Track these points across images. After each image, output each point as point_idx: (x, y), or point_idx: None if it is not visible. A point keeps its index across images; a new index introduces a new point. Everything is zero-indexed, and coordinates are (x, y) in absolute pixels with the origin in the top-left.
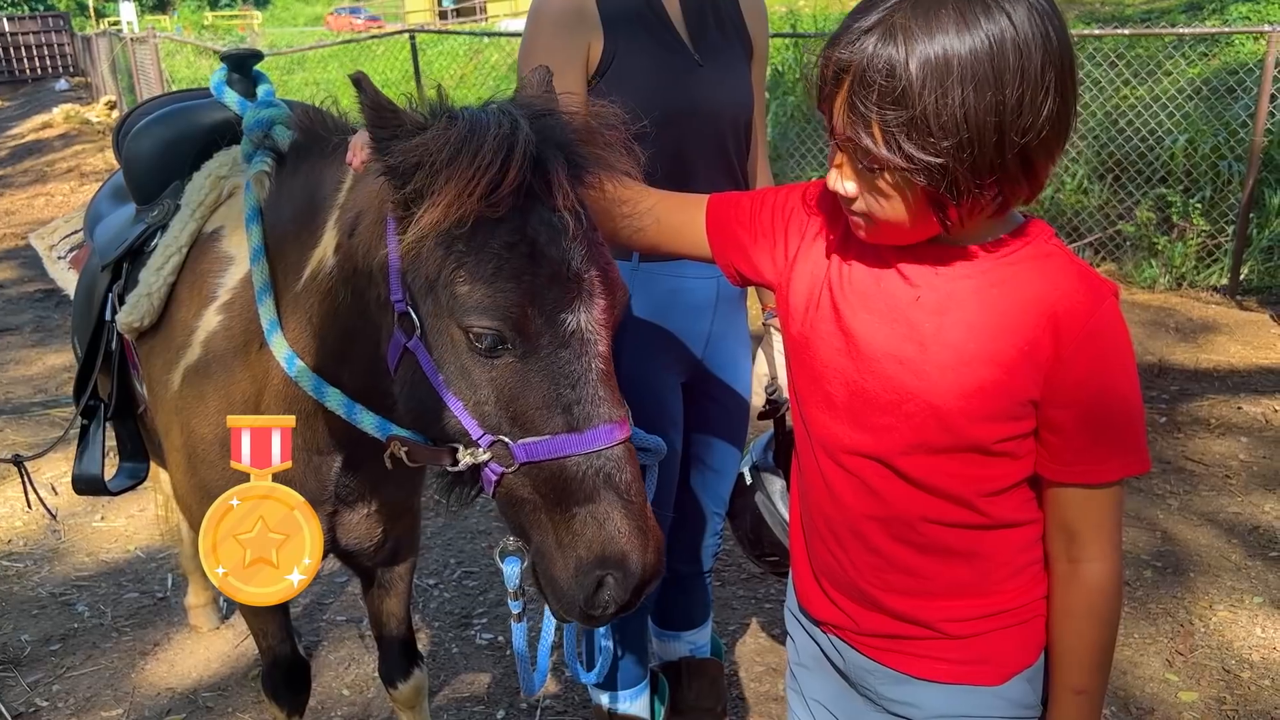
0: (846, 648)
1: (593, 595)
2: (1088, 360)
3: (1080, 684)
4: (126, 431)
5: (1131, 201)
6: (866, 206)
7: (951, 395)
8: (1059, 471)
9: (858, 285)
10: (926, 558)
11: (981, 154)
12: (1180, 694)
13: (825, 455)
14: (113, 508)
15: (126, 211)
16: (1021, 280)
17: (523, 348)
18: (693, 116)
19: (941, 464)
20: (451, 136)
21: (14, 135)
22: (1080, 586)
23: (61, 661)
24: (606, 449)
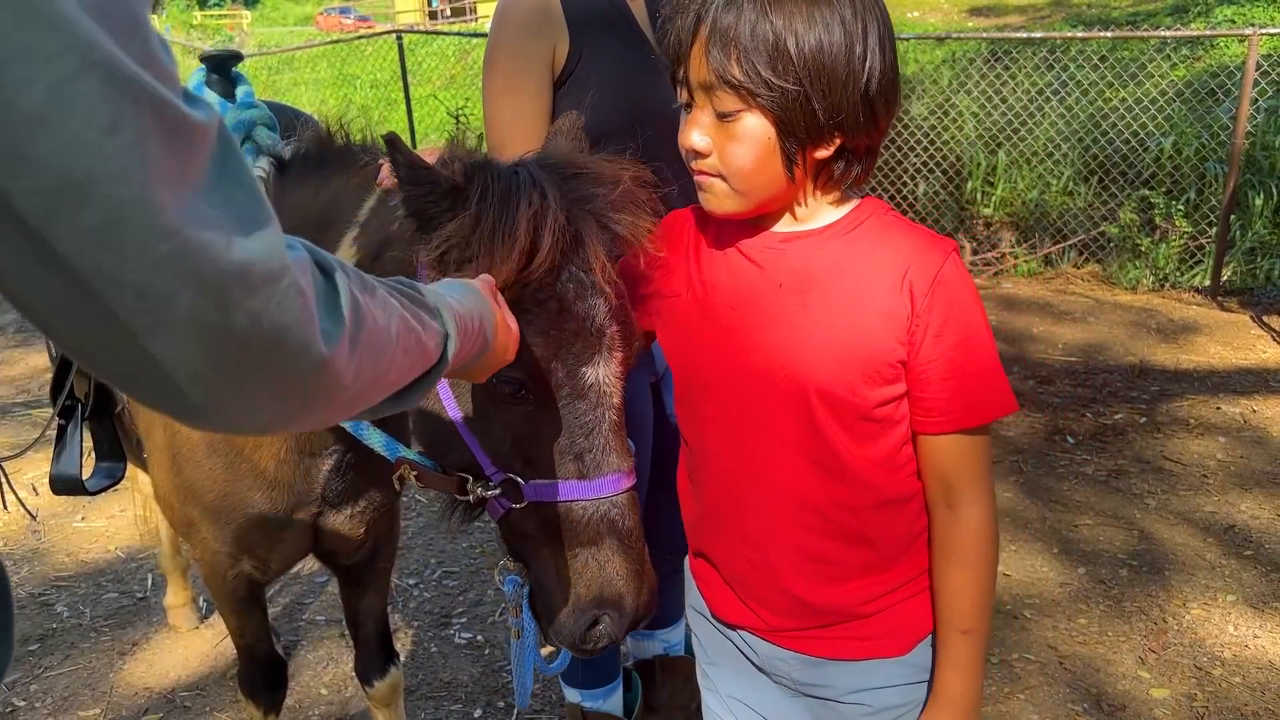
0: (759, 641)
1: (587, 632)
2: (942, 313)
3: (967, 625)
4: (104, 432)
5: (1115, 203)
6: (719, 160)
7: (830, 370)
8: (933, 424)
9: (720, 290)
10: (835, 543)
11: (832, 87)
12: (1152, 690)
13: (726, 463)
14: (93, 508)
15: None
16: (870, 251)
17: (542, 397)
18: (659, 117)
19: (834, 441)
20: (484, 224)
21: None
22: (960, 530)
23: (40, 662)
24: (615, 495)
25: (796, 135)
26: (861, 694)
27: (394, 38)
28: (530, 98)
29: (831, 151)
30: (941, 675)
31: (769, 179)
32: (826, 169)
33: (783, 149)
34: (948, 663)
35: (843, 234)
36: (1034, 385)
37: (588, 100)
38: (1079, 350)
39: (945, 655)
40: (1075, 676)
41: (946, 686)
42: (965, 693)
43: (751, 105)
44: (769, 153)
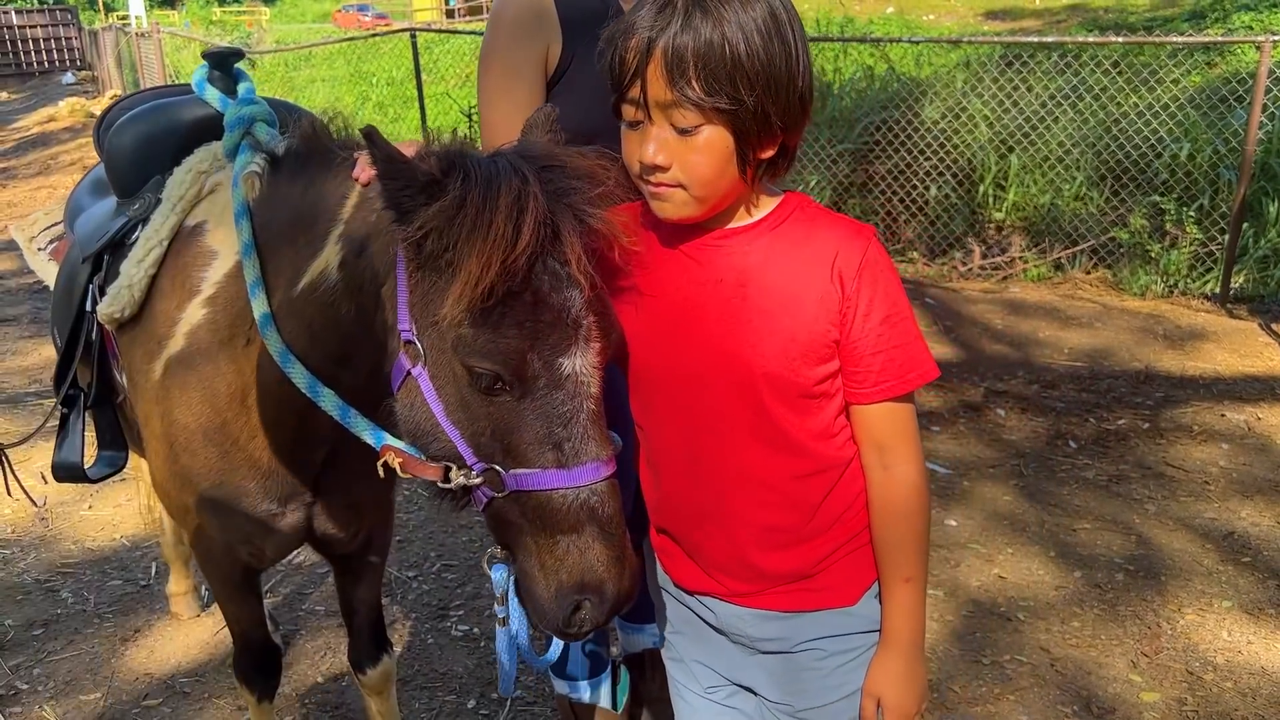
0: (717, 602)
1: (570, 616)
2: (869, 294)
3: (909, 572)
4: (105, 421)
5: (1124, 209)
6: (679, 172)
7: (773, 354)
8: (867, 394)
9: (664, 287)
10: (786, 512)
11: (779, 93)
12: (1142, 694)
13: (681, 449)
14: (101, 497)
15: (107, 204)
16: (800, 242)
17: (520, 389)
18: None
19: (781, 420)
20: (466, 208)
21: (20, 128)
22: (896, 488)
23: (43, 646)
24: (595, 483)
25: (750, 140)
26: (814, 642)
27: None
28: (523, 98)
29: (775, 150)
30: (889, 620)
31: (727, 182)
32: (767, 166)
33: (739, 154)
34: (894, 609)
35: (772, 228)
36: (1038, 390)
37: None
38: (1085, 355)
39: (891, 602)
40: (1066, 679)
41: (895, 630)
42: (911, 634)
43: (713, 119)
44: (727, 160)
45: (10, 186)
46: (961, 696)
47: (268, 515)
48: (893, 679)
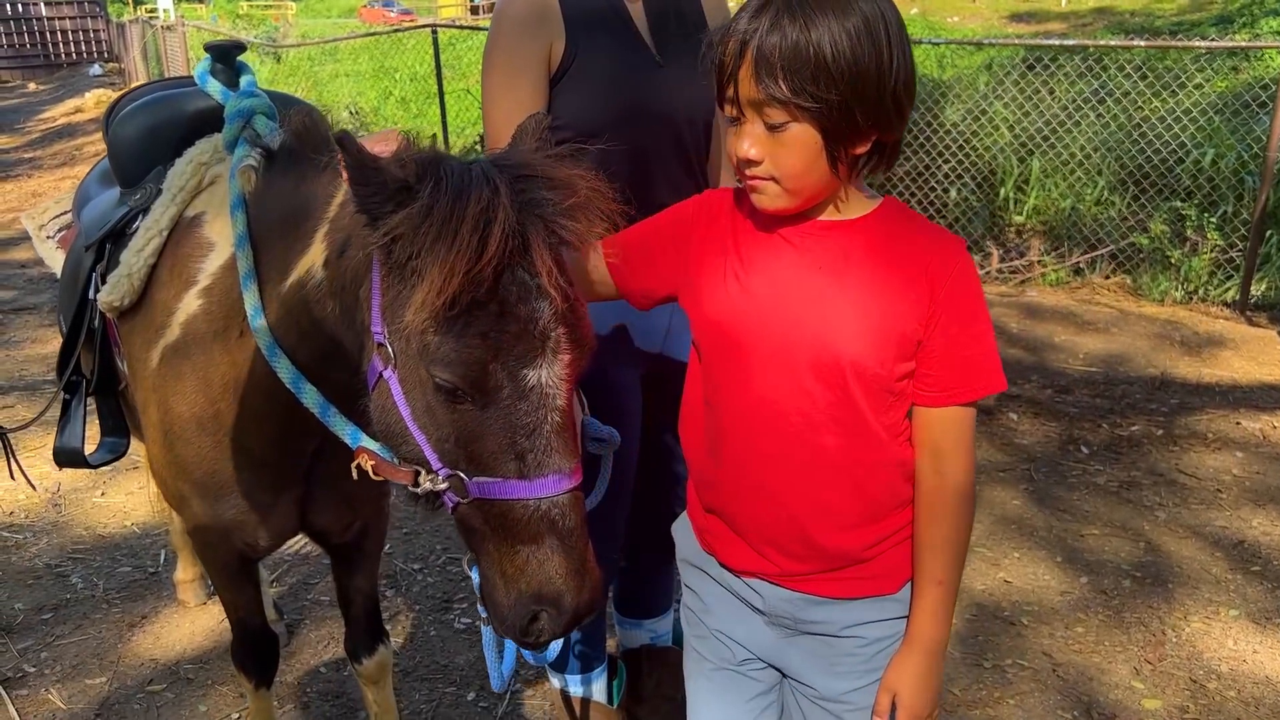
0: (767, 586)
1: (528, 625)
2: (956, 300)
3: (941, 576)
4: (108, 407)
5: (1145, 214)
6: (771, 165)
7: (864, 345)
8: (937, 398)
9: (762, 269)
10: (849, 497)
11: (867, 93)
12: (1144, 701)
13: (758, 425)
14: (113, 484)
15: (112, 194)
16: (897, 243)
17: (482, 398)
18: (652, 116)
19: (862, 410)
20: (433, 216)
21: (47, 118)
22: (946, 493)
23: (52, 630)
24: (553, 496)
25: (839, 138)
26: (857, 628)
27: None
28: (526, 95)
29: (868, 147)
30: (916, 621)
31: (817, 177)
32: (865, 162)
33: (827, 151)
34: (922, 610)
35: (874, 226)
36: (1051, 394)
37: (581, 98)
38: (1100, 360)
39: (920, 603)
40: (1068, 684)
41: (920, 630)
42: (935, 637)
43: (799, 117)
44: (816, 155)
45: (36, 176)
46: (961, 699)
47: (260, 505)
48: (911, 678)
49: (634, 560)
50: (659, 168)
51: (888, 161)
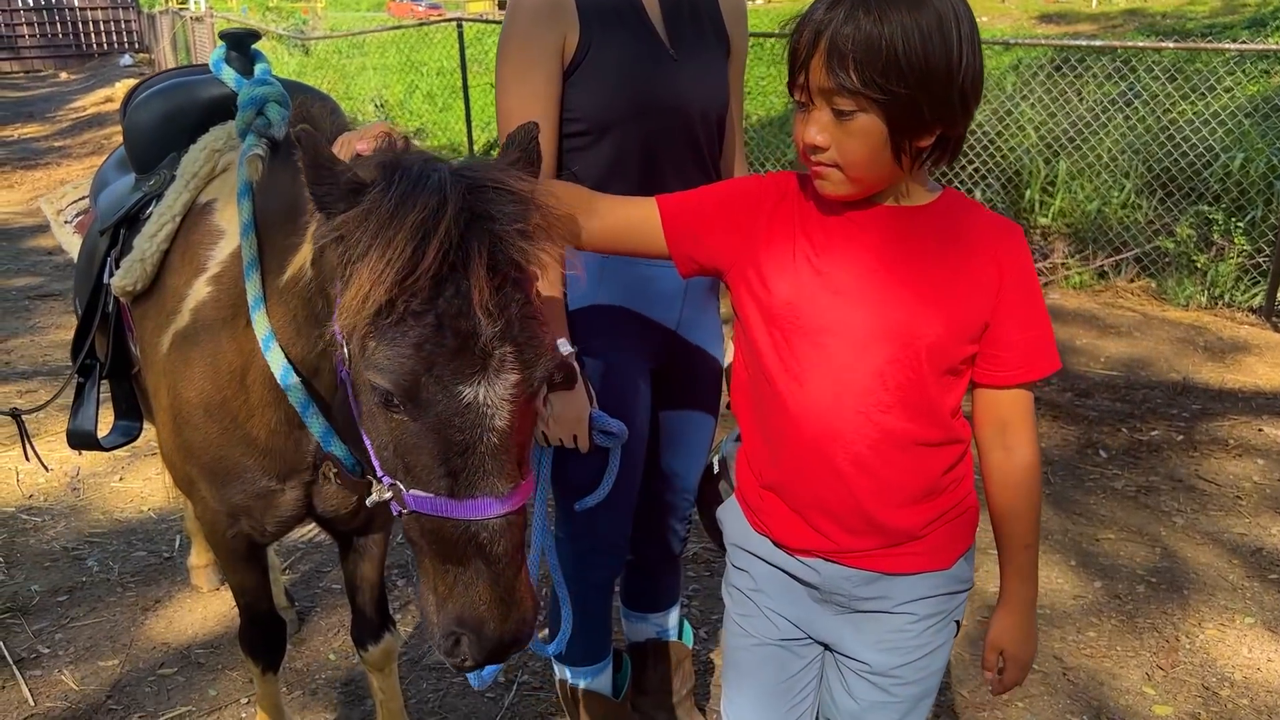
0: (824, 564)
1: (452, 647)
2: (1020, 284)
3: (1028, 540)
4: (121, 391)
5: (1171, 218)
6: (836, 153)
7: (940, 327)
8: (1004, 377)
9: (833, 251)
10: (910, 474)
11: (934, 88)
12: (1155, 707)
13: (825, 403)
14: (131, 470)
15: (127, 180)
16: (965, 229)
17: (414, 411)
18: (665, 110)
19: (931, 390)
20: (370, 221)
21: (77, 108)
22: (1018, 467)
23: (67, 612)
24: (483, 520)
25: (904, 130)
26: (910, 604)
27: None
28: (540, 87)
29: (932, 140)
30: (1008, 582)
31: (880, 167)
32: (929, 154)
33: (892, 142)
34: (1013, 573)
35: (940, 212)
36: (1071, 397)
37: (594, 91)
38: (1121, 364)
39: (1011, 567)
40: (1078, 688)
41: (1016, 591)
42: (1031, 594)
43: (866, 107)
44: (881, 146)
45: (65, 165)
46: (969, 701)
47: (266, 491)
48: (1015, 633)
49: (641, 554)
50: (671, 161)
51: (950, 155)
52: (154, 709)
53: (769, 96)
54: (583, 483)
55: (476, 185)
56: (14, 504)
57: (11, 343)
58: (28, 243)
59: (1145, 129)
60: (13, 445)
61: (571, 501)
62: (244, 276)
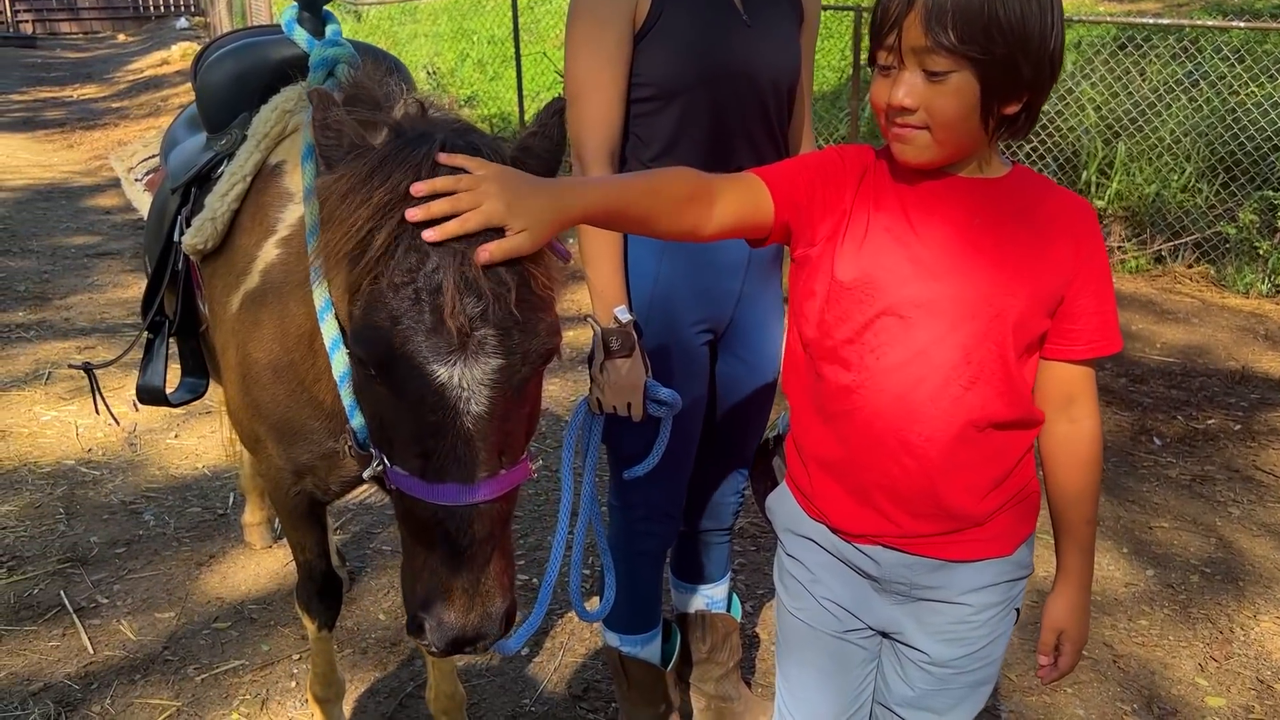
0: (884, 551)
1: (416, 630)
2: (1095, 259)
3: (1089, 515)
4: (189, 348)
5: (1234, 203)
6: (925, 114)
7: (1025, 301)
8: (1076, 351)
9: (911, 223)
10: (982, 455)
11: (1029, 49)
12: (1207, 698)
13: (901, 378)
14: (186, 427)
15: (198, 139)
16: (1040, 201)
17: (389, 384)
18: (736, 76)
19: (1010, 366)
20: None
21: (134, 69)
22: (1083, 439)
23: (124, 564)
24: (453, 506)
25: (996, 93)
26: (971, 594)
27: None
28: (610, 50)
29: (1019, 108)
30: (1069, 559)
31: (968, 131)
32: (1008, 124)
33: (983, 105)
34: (1075, 549)
35: (1016, 186)
36: (1125, 383)
37: (665, 56)
38: (1178, 351)
39: (1072, 543)
40: (1129, 676)
41: (1075, 568)
42: (1090, 571)
43: (962, 67)
44: (971, 108)
45: (122, 126)
46: (1018, 685)
47: (332, 452)
48: (1074, 612)
49: (693, 525)
50: (740, 130)
51: (1027, 127)
52: (208, 661)
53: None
54: (634, 452)
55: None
56: (73, 457)
57: (71, 299)
58: (87, 201)
59: (1210, 111)
60: (72, 399)
61: (622, 471)
62: (306, 241)
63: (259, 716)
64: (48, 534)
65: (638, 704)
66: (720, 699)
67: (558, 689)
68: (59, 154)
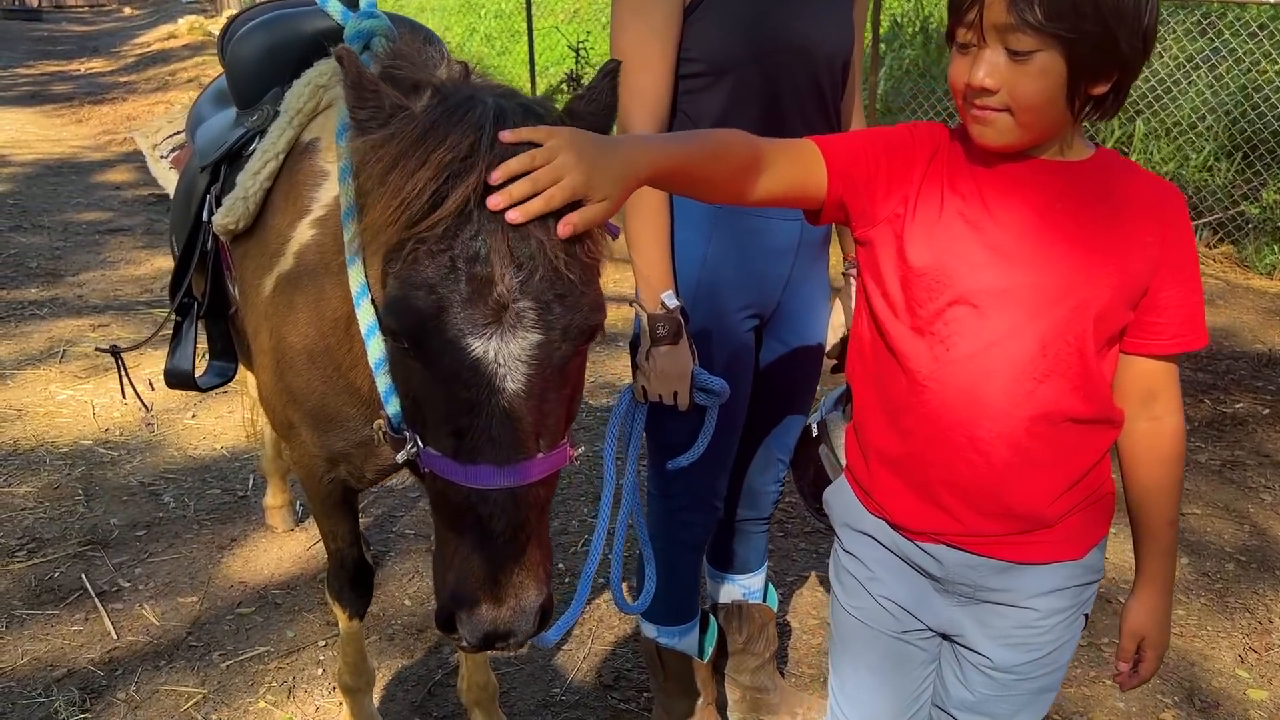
0: (947, 550)
1: (445, 622)
2: (1182, 249)
3: (1172, 516)
4: (217, 331)
5: (1258, 182)
6: (1007, 96)
7: (1111, 291)
8: (1160, 346)
9: (996, 205)
10: (1054, 452)
11: (1122, 26)
12: (1249, 691)
13: (973, 369)
14: (204, 407)
15: (227, 115)
16: (1125, 187)
17: (422, 357)
18: (790, 51)
19: (1089, 359)
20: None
21: (141, 43)
22: (1166, 436)
23: (145, 547)
24: (486, 490)
25: (1084, 73)
26: (1038, 598)
27: None
28: (659, 22)
29: (1108, 88)
30: (1151, 563)
31: (1052, 113)
32: (1097, 104)
33: (1069, 86)
34: (1157, 551)
35: (1101, 170)
36: None
37: (717, 29)
38: None
39: (1154, 545)
40: (1168, 668)
41: (1158, 571)
42: (1171, 573)
43: (1049, 46)
44: (1057, 89)
45: (130, 100)
46: None
47: (367, 440)
48: (1156, 617)
49: (732, 514)
50: (794, 107)
51: (1114, 108)
52: (233, 647)
53: None
54: (678, 441)
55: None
56: (91, 437)
57: (83, 276)
58: (97, 177)
59: (1238, 88)
60: (88, 378)
61: (665, 460)
62: (342, 222)
63: (286, 705)
64: (67, 515)
65: (674, 695)
66: (756, 690)
67: (588, 678)
68: (68, 129)
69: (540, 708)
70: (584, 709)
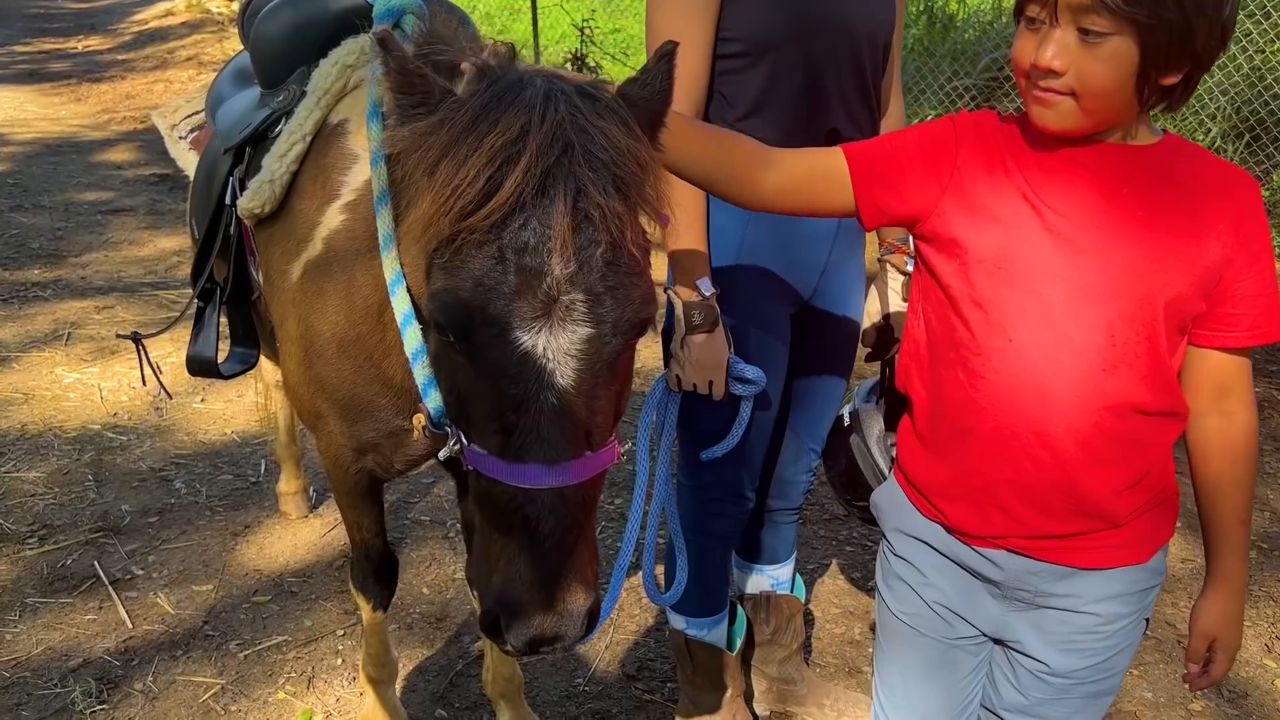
0: (1007, 555)
1: (491, 626)
2: (1257, 238)
3: (1246, 514)
4: (240, 317)
5: (1267, 166)
6: (1073, 79)
7: (1183, 280)
8: (1233, 338)
9: (1060, 191)
10: (1122, 449)
11: (1203, 14)
12: (1277, 681)
13: (1036, 359)
14: (213, 391)
15: (250, 95)
16: (1195, 173)
17: (469, 352)
18: (832, 30)
19: (1159, 349)
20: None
21: (139, 21)
22: (1239, 432)
23: (158, 534)
24: (534, 489)
25: (1157, 60)
26: (1101, 603)
27: None
28: (696, 2)
29: (1178, 79)
30: (1223, 562)
31: (1119, 100)
32: (1165, 94)
33: (1140, 73)
34: (1230, 551)
35: (1168, 155)
36: None
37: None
38: None
39: (1227, 545)
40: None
41: (1230, 571)
42: (1243, 574)
43: (1124, 30)
44: (1128, 75)
45: (129, 79)
46: None
47: (398, 430)
48: (1230, 619)
49: (763, 505)
50: (834, 87)
51: (1181, 100)
52: (250, 637)
53: None
54: (711, 431)
55: (576, 111)
56: (99, 422)
57: (86, 257)
58: (97, 156)
59: (1247, 73)
60: (94, 361)
61: (697, 450)
62: (374, 208)
63: (306, 695)
64: (77, 502)
65: (702, 687)
66: (783, 681)
67: (611, 668)
68: (67, 107)
69: (563, 698)
70: (607, 699)
